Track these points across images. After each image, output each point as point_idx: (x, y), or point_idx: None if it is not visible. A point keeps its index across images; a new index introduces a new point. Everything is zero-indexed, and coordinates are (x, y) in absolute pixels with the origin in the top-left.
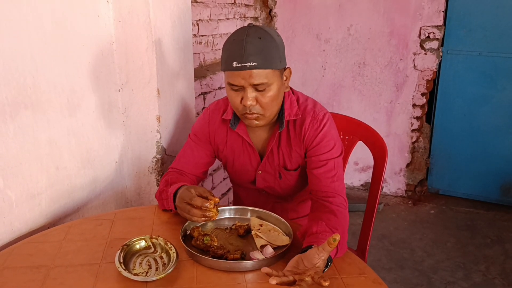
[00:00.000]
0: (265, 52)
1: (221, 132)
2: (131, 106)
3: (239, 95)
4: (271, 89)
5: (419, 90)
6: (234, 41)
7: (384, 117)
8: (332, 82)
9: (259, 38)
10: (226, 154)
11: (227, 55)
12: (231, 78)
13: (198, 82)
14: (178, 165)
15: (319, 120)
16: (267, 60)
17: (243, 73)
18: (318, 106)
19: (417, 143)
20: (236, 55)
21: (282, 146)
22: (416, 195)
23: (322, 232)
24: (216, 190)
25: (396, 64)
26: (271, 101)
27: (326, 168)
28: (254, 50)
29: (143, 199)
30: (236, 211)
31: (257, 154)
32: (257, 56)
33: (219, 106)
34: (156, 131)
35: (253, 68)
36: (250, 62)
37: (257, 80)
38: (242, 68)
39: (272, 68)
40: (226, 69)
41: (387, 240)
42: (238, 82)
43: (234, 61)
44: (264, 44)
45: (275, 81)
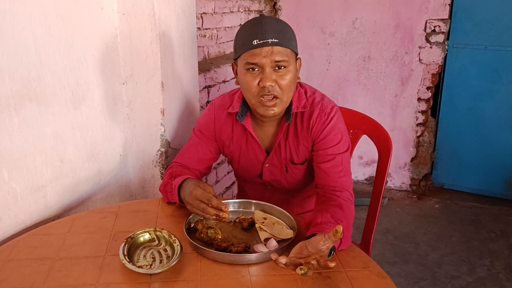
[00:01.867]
0: (284, 32)
1: (226, 128)
2: (136, 99)
3: (257, 77)
4: (290, 70)
5: (424, 84)
6: (251, 23)
7: (389, 111)
8: (337, 76)
9: (276, 20)
10: (232, 150)
11: (245, 36)
12: (250, 57)
13: (202, 75)
14: (182, 159)
15: (327, 113)
16: (286, 39)
17: (265, 49)
18: (326, 99)
19: (422, 137)
20: (256, 33)
21: (290, 139)
22: (421, 190)
23: (326, 223)
24: (220, 184)
25: (401, 57)
26: (289, 84)
27: (334, 163)
28: (274, 28)
29: (147, 192)
30: (240, 204)
31: (262, 149)
32: (277, 34)
33: (224, 101)
34: (160, 124)
35: (275, 45)
36: (272, 39)
37: (279, 57)
38: (264, 44)
39: (291, 48)
40: (245, 49)
41: (391, 234)
42: (259, 60)
43: (255, 39)
44: (282, 25)
45: (292, 64)
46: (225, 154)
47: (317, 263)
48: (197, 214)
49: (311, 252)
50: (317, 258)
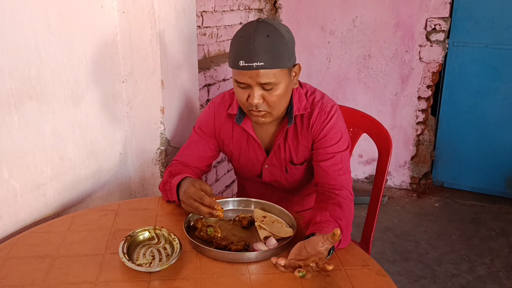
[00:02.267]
0: (273, 51)
1: (226, 127)
2: (135, 97)
3: (245, 92)
4: (279, 88)
5: (424, 83)
6: (241, 37)
7: (389, 110)
8: (337, 74)
9: (267, 36)
10: (231, 149)
11: (234, 52)
12: (237, 76)
13: (202, 73)
14: (182, 157)
15: (327, 111)
16: (274, 60)
17: (250, 72)
18: (326, 98)
19: (422, 135)
20: (243, 53)
21: (289, 140)
22: (421, 188)
23: (325, 221)
24: (220, 182)
25: (401, 56)
26: (278, 100)
27: (333, 161)
28: (262, 48)
29: (147, 190)
30: (239, 203)
31: (262, 150)
32: (264, 56)
33: (224, 100)
34: (160, 123)
35: (260, 68)
36: (257, 62)
37: (264, 80)
38: (249, 67)
39: (280, 67)
40: (233, 66)
41: (391, 232)
42: (245, 81)
43: (241, 60)
44: (272, 42)
45: (283, 80)
46: (225, 152)
47: (316, 265)
48: (192, 213)
49: (310, 254)
50: (316, 260)
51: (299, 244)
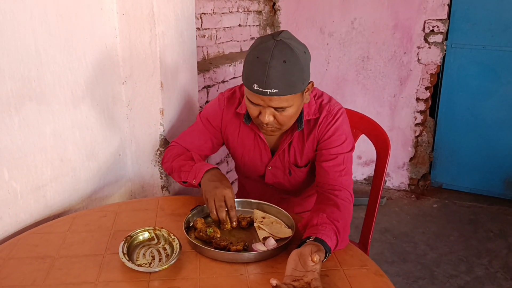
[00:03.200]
0: (288, 78)
1: (233, 123)
2: (135, 99)
3: (257, 109)
4: (291, 109)
5: (423, 84)
6: (258, 60)
7: (387, 111)
8: (335, 76)
9: (284, 61)
10: (235, 146)
11: (248, 73)
12: (250, 96)
13: (201, 75)
14: (183, 142)
15: (333, 114)
16: (289, 87)
17: (263, 97)
18: (333, 101)
19: (420, 137)
20: (258, 78)
21: (294, 143)
22: (419, 189)
23: (322, 224)
24: None
25: (400, 57)
26: (288, 119)
27: (335, 162)
28: (277, 76)
29: (147, 192)
30: (239, 204)
31: (268, 151)
32: (279, 83)
33: (235, 96)
34: (159, 124)
35: (274, 95)
36: (271, 89)
37: (277, 105)
38: (263, 93)
39: (294, 93)
40: (247, 86)
41: (390, 233)
42: (257, 102)
43: (255, 84)
44: (288, 70)
45: (295, 102)
46: (228, 147)
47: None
48: (210, 209)
49: (303, 269)
50: (309, 281)
51: (294, 256)
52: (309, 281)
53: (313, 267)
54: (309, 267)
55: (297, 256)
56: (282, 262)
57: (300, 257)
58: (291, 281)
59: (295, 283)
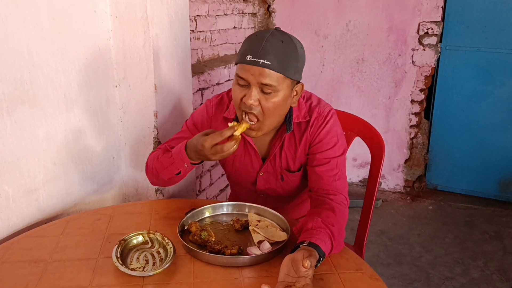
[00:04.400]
0: (282, 56)
1: (222, 128)
2: (129, 102)
3: (243, 91)
4: (277, 95)
5: (417, 86)
6: (256, 36)
7: (382, 113)
8: (330, 78)
9: (281, 41)
10: None
11: (244, 48)
12: (241, 70)
13: (196, 78)
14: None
15: (324, 116)
16: (281, 64)
17: (254, 68)
18: (322, 103)
19: (415, 139)
20: (253, 49)
21: (286, 148)
22: (415, 191)
23: (317, 228)
24: (214, 186)
25: (394, 60)
26: (273, 108)
27: (329, 167)
28: (272, 49)
29: (141, 195)
30: (234, 207)
31: (259, 157)
32: (273, 56)
33: (222, 102)
34: (153, 127)
35: (265, 67)
36: (264, 60)
37: (266, 80)
38: (255, 63)
39: (284, 74)
40: (239, 61)
41: (385, 235)
42: (246, 77)
43: (249, 54)
44: (284, 48)
45: (283, 89)
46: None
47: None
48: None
49: (295, 275)
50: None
51: (287, 261)
52: (301, 287)
53: (305, 272)
54: (301, 272)
55: (290, 261)
56: (277, 266)
57: (293, 263)
58: (284, 287)
59: None
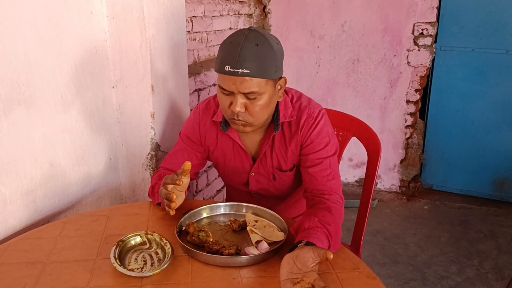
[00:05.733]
0: (260, 60)
1: (211, 134)
2: (125, 102)
3: (228, 99)
4: (262, 98)
5: (412, 87)
6: (231, 43)
7: (378, 113)
8: (326, 79)
9: (256, 44)
10: (216, 156)
11: (221, 56)
12: (222, 81)
13: (192, 78)
14: (169, 165)
15: (314, 117)
16: (261, 69)
17: (234, 78)
18: (312, 103)
19: (411, 139)
20: (230, 58)
21: (276, 147)
22: (410, 191)
23: (314, 227)
24: (211, 187)
25: (389, 60)
26: (260, 110)
27: (322, 167)
28: (249, 56)
29: (138, 196)
30: (231, 207)
31: (249, 157)
32: (251, 63)
33: (209, 106)
34: (150, 128)
35: (245, 76)
36: (243, 69)
37: (248, 89)
38: (234, 73)
39: (265, 77)
40: (219, 71)
41: (381, 235)
42: (228, 87)
43: (227, 65)
44: (260, 51)
45: (267, 91)
46: (210, 159)
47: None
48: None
49: (301, 270)
50: (311, 282)
51: (287, 259)
52: (312, 282)
53: (313, 267)
54: (309, 268)
55: (291, 259)
56: (275, 266)
57: (297, 259)
58: (291, 284)
59: (297, 286)
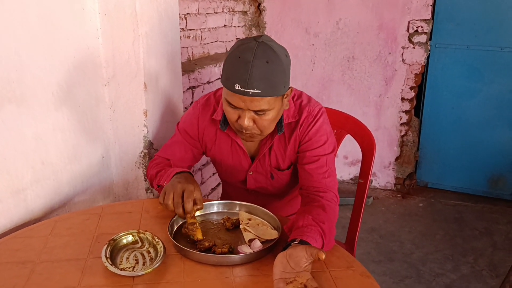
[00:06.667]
0: (271, 79)
1: (210, 131)
2: (118, 100)
3: (236, 112)
4: (271, 113)
5: (407, 84)
6: (240, 59)
7: (373, 111)
8: (321, 76)
9: (266, 62)
10: (214, 153)
11: (230, 72)
12: (230, 97)
13: (186, 76)
14: (164, 154)
15: (314, 115)
16: (271, 88)
17: (244, 97)
18: (312, 101)
19: (406, 136)
20: (240, 77)
21: (275, 147)
22: (405, 189)
23: (308, 226)
24: (205, 185)
25: (385, 58)
26: (268, 124)
27: (318, 164)
28: (260, 75)
29: (131, 194)
30: (224, 206)
31: (248, 157)
32: (261, 83)
33: (209, 102)
34: (143, 126)
35: (256, 96)
36: (254, 89)
37: (257, 107)
38: (244, 93)
39: (275, 95)
40: (227, 87)
41: (376, 233)
42: (237, 104)
43: (237, 84)
44: (271, 70)
45: (276, 106)
46: (208, 156)
47: None
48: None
49: (294, 270)
50: (304, 282)
51: (281, 258)
52: (304, 282)
53: (306, 267)
54: (302, 267)
55: (284, 258)
56: (268, 264)
57: (290, 258)
58: (284, 284)
59: (290, 286)
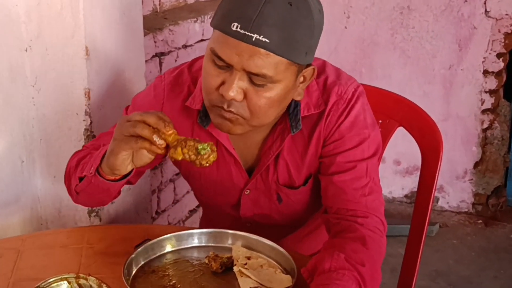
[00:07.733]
0: (290, 30)
1: (181, 125)
2: (45, 74)
3: (220, 75)
4: (274, 88)
5: (493, 49)
6: None
7: (439, 91)
8: (359, 37)
9: (289, 4)
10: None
11: (228, 8)
12: (219, 45)
13: (150, 37)
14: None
15: (347, 99)
16: (287, 42)
17: (242, 46)
18: (343, 77)
19: (490, 130)
20: (244, 14)
21: (286, 153)
22: (490, 211)
23: (339, 269)
24: (180, 205)
25: (458, 8)
26: (266, 106)
27: (354, 174)
28: (275, 19)
29: (66, 218)
30: (210, 237)
31: (241, 167)
32: (275, 30)
33: (182, 80)
34: (84, 114)
35: (261, 46)
36: (260, 35)
37: (257, 68)
38: (244, 38)
39: (290, 58)
40: (218, 27)
41: (443, 279)
42: (228, 58)
43: (236, 22)
44: (293, 16)
45: (285, 80)
46: (175, 164)
47: None
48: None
49: None
50: None
51: None
52: None
53: None
54: None
55: None
56: None
57: None
58: None
59: None
